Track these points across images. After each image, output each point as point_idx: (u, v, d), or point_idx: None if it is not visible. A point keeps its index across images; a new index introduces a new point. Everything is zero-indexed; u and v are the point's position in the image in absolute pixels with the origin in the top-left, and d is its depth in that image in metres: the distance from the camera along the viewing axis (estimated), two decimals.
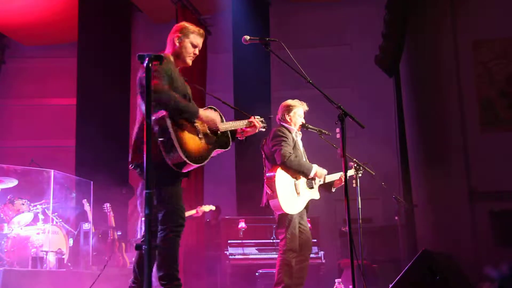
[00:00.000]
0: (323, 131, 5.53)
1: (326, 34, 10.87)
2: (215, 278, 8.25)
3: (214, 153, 3.92)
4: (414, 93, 9.55)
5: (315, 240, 7.79)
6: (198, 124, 3.83)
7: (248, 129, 4.29)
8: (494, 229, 8.67)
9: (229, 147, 4.08)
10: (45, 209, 7.37)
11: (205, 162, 3.79)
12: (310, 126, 5.49)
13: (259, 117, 4.41)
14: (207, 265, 8.94)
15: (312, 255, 7.59)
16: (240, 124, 4.21)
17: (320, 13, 10.86)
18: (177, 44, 3.93)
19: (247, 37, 4.01)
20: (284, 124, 5.37)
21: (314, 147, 6.44)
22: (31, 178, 7.92)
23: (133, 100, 10.71)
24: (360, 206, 5.52)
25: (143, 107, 3.71)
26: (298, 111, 5.38)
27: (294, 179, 5.20)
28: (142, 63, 2.45)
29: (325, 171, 5.36)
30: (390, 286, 4.79)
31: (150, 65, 2.43)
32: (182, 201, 3.79)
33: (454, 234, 8.52)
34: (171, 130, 3.55)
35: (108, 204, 8.37)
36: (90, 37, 9.95)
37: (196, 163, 3.67)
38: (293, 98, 5.50)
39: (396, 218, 8.42)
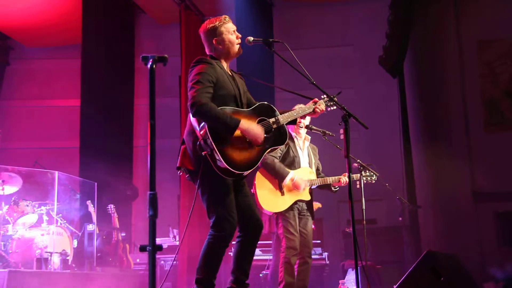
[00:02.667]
0: (327, 132, 5.53)
1: (330, 34, 10.84)
2: (218, 279, 8.24)
3: (270, 150, 3.85)
4: (418, 94, 9.53)
5: (319, 241, 7.84)
6: None
7: (310, 114, 4.18)
8: (499, 229, 8.67)
9: (285, 142, 3.97)
10: (50, 211, 7.38)
11: (255, 166, 3.72)
12: (314, 127, 5.49)
13: (324, 97, 4.18)
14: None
15: (316, 256, 7.68)
16: (296, 114, 4.01)
17: (323, 14, 10.83)
18: (219, 45, 3.89)
19: (251, 38, 3.98)
20: None
21: (318, 148, 6.45)
22: (36, 180, 7.92)
23: (137, 101, 10.74)
24: (364, 207, 5.54)
25: (192, 119, 3.70)
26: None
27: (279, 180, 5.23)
28: (146, 64, 2.43)
29: (302, 181, 5.23)
30: (394, 287, 4.77)
31: (154, 66, 2.42)
32: (232, 207, 3.70)
33: (458, 235, 8.50)
34: (212, 142, 3.51)
35: (112, 206, 8.39)
36: (94, 38, 9.95)
37: (244, 171, 3.64)
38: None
39: (400, 219, 8.41)
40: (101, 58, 9.94)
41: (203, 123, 3.57)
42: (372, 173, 5.67)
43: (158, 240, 7.13)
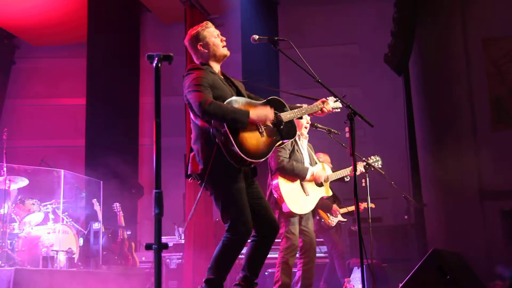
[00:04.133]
0: (332, 130, 5.54)
1: (335, 33, 10.82)
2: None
3: (280, 143, 3.91)
4: (423, 92, 9.50)
5: (323, 240, 7.81)
6: None
7: (318, 113, 4.28)
8: (505, 228, 8.62)
9: (295, 136, 4.03)
10: (56, 209, 7.41)
11: (266, 156, 3.77)
12: (320, 126, 5.50)
13: (332, 98, 4.33)
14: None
15: (321, 255, 7.68)
16: (305, 111, 4.16)
17: (328, 12, 10.81)
18: (204, 49, 3.96)
19: (256, 37, 4.00)
20: None
21: (323, 146, 6.44)
22: (42, 178, 7.96)
23: (142, 99, 10.76)
24: (369, 205, 5.55)
25: (199, 123, 3.74)
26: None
27: (299, 181, 5.22)
28: (151, 63, 2.45)
29: (322, 172, 5.34)
30: (400, 285, 4.77)
31: (160, 65, 2.44)
32: (246, 208, 3.71)
33: (464, 233, 8.48)
34: (227, 130, 3.56)
35: (117, 204, 8.40)
36: (100, 37, 9.99)
37: (256, 159, 3.66)
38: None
39: (406, 217, 8.42)
40: (106, 56, 9.97)
41: (219, 121, 3.61)
42: (378, 159, 5.74)
43: (164, 239, 7.14)
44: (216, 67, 3.99)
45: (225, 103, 3.66)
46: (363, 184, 5.59)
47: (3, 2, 9.93)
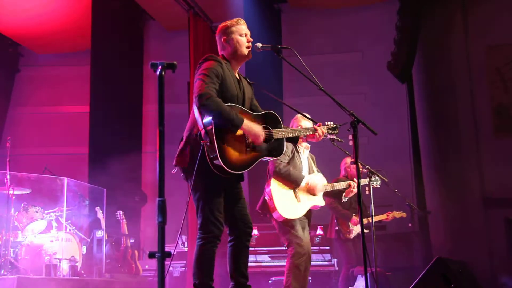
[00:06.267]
0: (335, 138, 5.51)
1: (338, 40, 10.81)
2: (227, 286, 8.22)
3: (263, 159, 3.90)
4: (427, 99, 9.47)
5: (327, 247, 7.82)
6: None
7: (310, 137, 4.33)
8: (510, 236, 8.57)
9: (282, 154, 4.04)
10: (59, 217, 7.40)
11: (247, 169, 3.78)
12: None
13: (331, 123, 4.41)
14: (219, 273, 8.90)
15: (325, 263, 7.67)
16: (297, 132, 4.17)
17: (332, 20, 10.80)
18: (227, 44, 3.95)
19: (259, 45, 4.00)
20: None
21: (326, 154, 6.42)
22: (45, 186, 7.95)
23: (146, 107, 10.76)
24: (373, 213, 5.49)
25: (196, 113, 3.75)
26: (304, 122, 5.35)
27: (293, 188, 5.23)
28: (155, 71, 2.43)
29: (318, 183, 5.32)
30: None
31: (163, 73, 2.43)
32: (219, 209, 3.76)
33: (468, 242, 8.42)
34: (214, 136, 3.57)
35: (121, 212, 8.41)
36: (103, 45, 9.99)
37: (235, 171, 3.66)
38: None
39: (410, 225, 8.36)
40: (110, 64, 9.97)
41: (210, 117, 3.62)
42: (377, 179, 5.71)
43: (167, 247, 7.09)
44: (235, 65, 3.99)
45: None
46: (367, 192, 5.57)
47: (8, 10, 9.94)
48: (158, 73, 2.42)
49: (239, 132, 3.71)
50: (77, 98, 11.35)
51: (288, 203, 5.15)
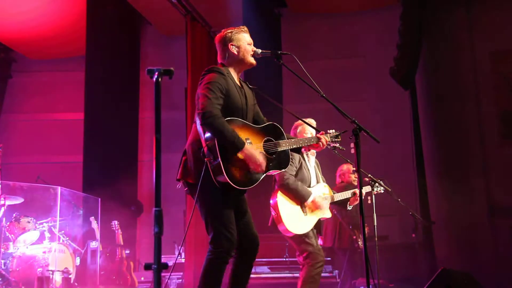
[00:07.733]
0: (337, 146, 5.42)
1: (340, 46, 10.76)
2: None
3: (270, 173, 3.86)
4: (430, 106, 9.36)
5: (329, 259, 7.71)
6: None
7: (314, 146, 4.27)
8: None
9: (287, 167, 3.99)
10: (52, 227, 7.37)
11: (254, 185, 3.72)
12: None
13: (333, 131, 4.40)
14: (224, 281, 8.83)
15: (326, 274, 7.57)
16: (302, 143, 4.14)
17: (333, 25, 10.78)
18: (235, 51, 3.90)
19: (259, 51, 3.97)
20: None
21: (327, 162, 6.31)
22: (38, 195, 7.92)
23: (142, 114, 10.66)
24: (376, 223, 5.49)
25: (199, 127, 3.70)
26: (307, 129, 5.33)
27: (300, 203, 5.20)
28: (152, 77, 2.43)
29: (323, 202, 5.27)
30: None
31: (160, 79, 2.42)
32: (231, 219, 3.69)
33: (474, 252, 8.33)
34: (218, 152, 3.52)
35: (116, 222, 8.34)
36: (98, 50, 9.95)
37: (244, 187, 3.65)
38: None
39: (414, 235, 8.34)
40: (105, 70, 9.95)
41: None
42: (380, 186, 5.74)
43: (164, 258, 6.98)
44: (238, 73, 3.96)
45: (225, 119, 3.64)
46: (369, 202, 5.56)
47: None
48: (154, 79, 2.43)
49: None
50: (71, 105, 11.30)
51: (295, 218, 5.10)
